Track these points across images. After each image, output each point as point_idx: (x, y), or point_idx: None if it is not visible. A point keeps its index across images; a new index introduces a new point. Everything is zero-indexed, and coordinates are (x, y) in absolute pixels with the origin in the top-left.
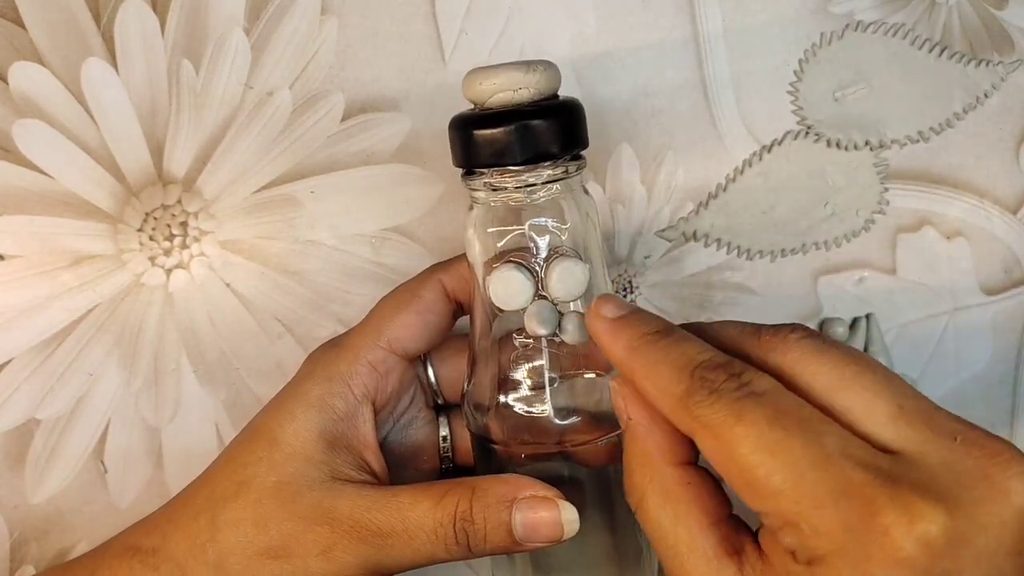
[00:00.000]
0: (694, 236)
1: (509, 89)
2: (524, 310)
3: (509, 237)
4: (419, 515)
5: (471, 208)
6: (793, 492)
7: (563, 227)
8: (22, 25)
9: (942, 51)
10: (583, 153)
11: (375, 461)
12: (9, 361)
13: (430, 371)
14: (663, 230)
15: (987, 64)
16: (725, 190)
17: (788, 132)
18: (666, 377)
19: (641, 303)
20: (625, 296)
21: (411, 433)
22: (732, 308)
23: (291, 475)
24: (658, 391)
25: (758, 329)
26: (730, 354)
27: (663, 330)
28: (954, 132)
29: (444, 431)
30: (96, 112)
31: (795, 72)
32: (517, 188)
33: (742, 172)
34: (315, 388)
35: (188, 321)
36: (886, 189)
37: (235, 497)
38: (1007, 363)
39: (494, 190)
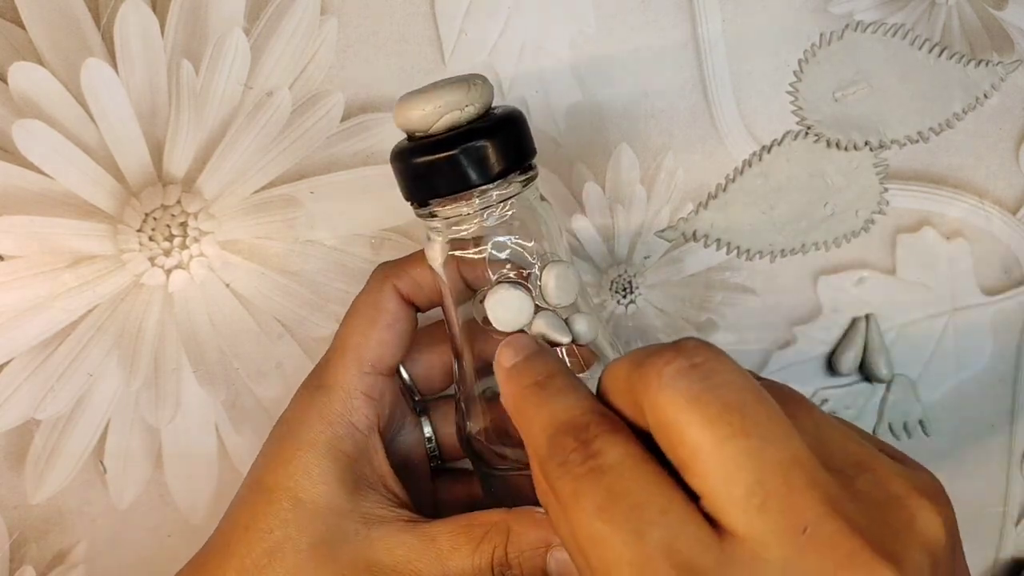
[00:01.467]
0: (694, 236)
1: (456, 109)
2: (528, 326)
3: (472, 260)
4: (458, 562)
5: (429, 239)
6: None
7: (526, 242)
8: (21, 25)
9: (942, 51)
10: (534, 162)
11: (396, 487)
12: (9, 361)
13: (403, 373)
14: (663, 230)
15: (987, 64)
16: (725, 190)
17: (788, 132)
18: (534, 438)
19: (641, 303)
20: (624, 296)
21: (401, 439)
22: (732, 308)
23: (324, 533)
24: (530, 446)
25: (646, 355)
26: (623, 393)
27: (542, 380)
28: (954, 132)
29: (428, 431)
30: (96, 112)
31: (795, 72)
32: (474, 212)
33: (742, 172)
34: (320, 436)
35: (188, 321)
36: (886, 189)
37: (271, 565)
38: (1007, 363)
39: (449, 219)
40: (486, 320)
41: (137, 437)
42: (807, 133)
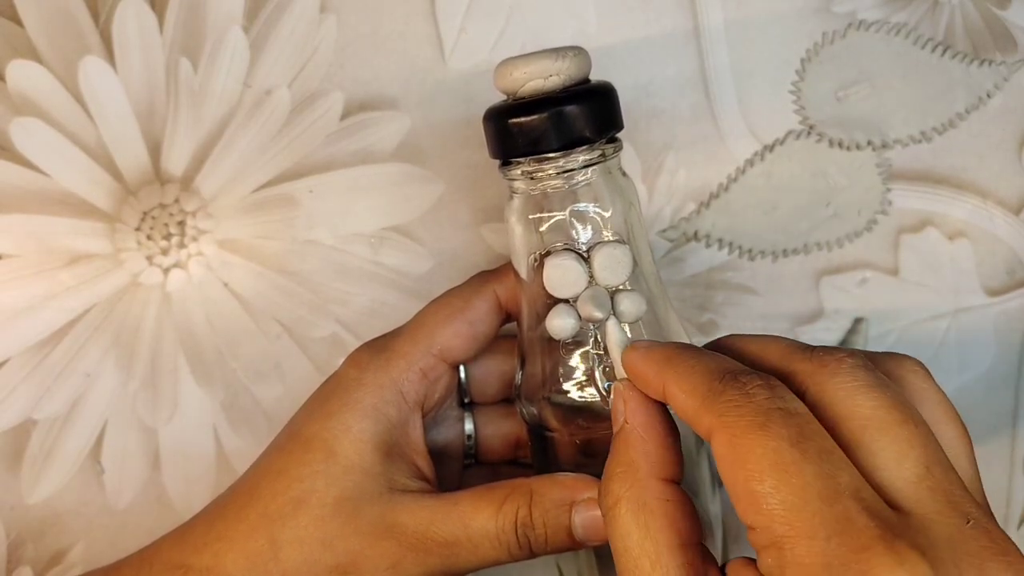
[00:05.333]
0: (695, 236)
1: (539, 77)
2: (577, 297)
3: (550, 224)
4: (481, 523)
5: (510, 198)
6: (790, 516)
7: (604, 211)
8: (20, 23)
9: (945, 51)
10: (619, 136)
11: (426, 466)
12: (6, 361)
13: (461, 371)
14: (664, 230)
15: (990, 64)
16: (727, 190)
17: (790, 132)
18: (698, 378)
19: None
20: None
21: (440, 431)
22: (733, 309)
23: (351, 489)
24: (685, 391)
25: (810, 347)
26: (769, 367)
27: (688, 346)
28: (957, 132)
29: (469, 428)
30: (94, 110)
31: (797, 71)
32: (555, 175)
33: (744, 172)
34: (367, 396)
35: (186, 321)
36: (888, 189)
37: (294, 514)
38: (1009, 364)
39: (532, 179)
40: (539, 280)
41: (134, 437)
42: (809, 133)
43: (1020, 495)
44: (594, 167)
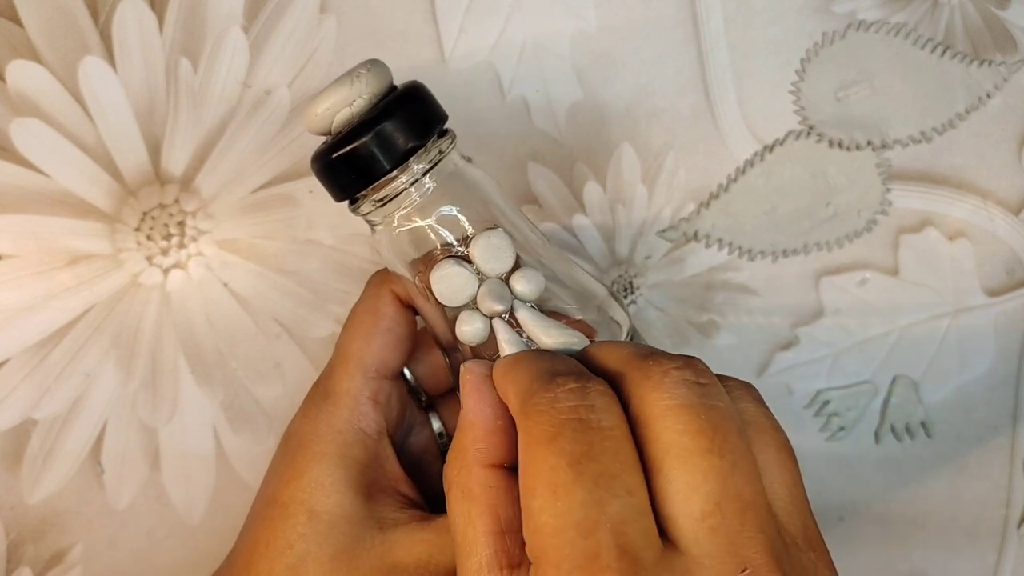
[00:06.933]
0: (695, 236)
1: (344, 106)
2: (475, 298)
3: (418, 236)
4: None
5: (372, 231)
6: (544, 541)
7: (465, 204)
8: (19, 23)
9: (944, 51)
10: (447, 127)
11: (410, 490)
12: (6, 361)
13: (408, 374)
14: (664, 230)
15: (989, 64)
16: (727, 190)
17: (790, 132)
18: (525, 375)
19: (642, 304)
20: (625, 297)
21: (413, 439)
22: (733, 309)
23: (342, 543)
24: (512, 392)
25: (656, 353)
26: (610, 370)
27: (558, 354)
28: (957, 132)
29: (437, 426)
30: (94, 111)
31: (797, 72)
32: (402, 193)
33: (744, 172)
34: (330, 446)
35: (185, 321)
36: (888, 190)
37: None
38: (1009, 364)
39: (383, 205)
40: (432, 294)
41: (134, 438)
42: (809, 133)
43: (1020, 495)
44: (436, 167)
